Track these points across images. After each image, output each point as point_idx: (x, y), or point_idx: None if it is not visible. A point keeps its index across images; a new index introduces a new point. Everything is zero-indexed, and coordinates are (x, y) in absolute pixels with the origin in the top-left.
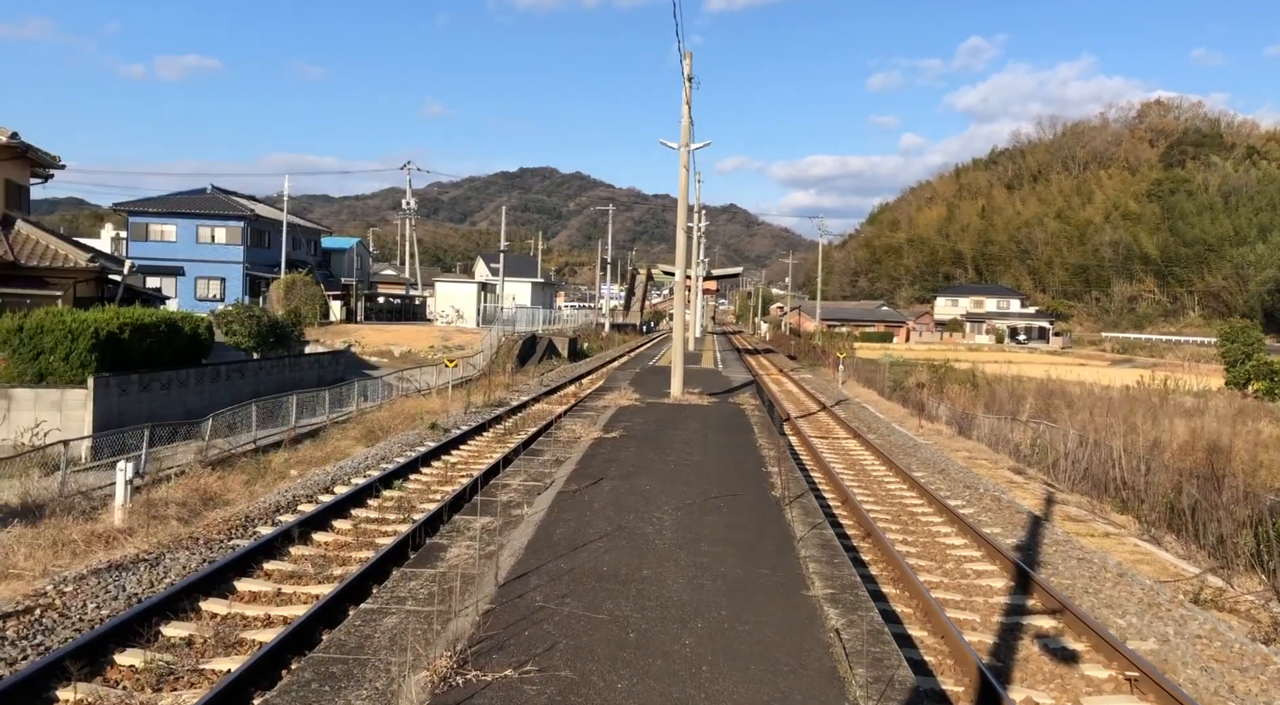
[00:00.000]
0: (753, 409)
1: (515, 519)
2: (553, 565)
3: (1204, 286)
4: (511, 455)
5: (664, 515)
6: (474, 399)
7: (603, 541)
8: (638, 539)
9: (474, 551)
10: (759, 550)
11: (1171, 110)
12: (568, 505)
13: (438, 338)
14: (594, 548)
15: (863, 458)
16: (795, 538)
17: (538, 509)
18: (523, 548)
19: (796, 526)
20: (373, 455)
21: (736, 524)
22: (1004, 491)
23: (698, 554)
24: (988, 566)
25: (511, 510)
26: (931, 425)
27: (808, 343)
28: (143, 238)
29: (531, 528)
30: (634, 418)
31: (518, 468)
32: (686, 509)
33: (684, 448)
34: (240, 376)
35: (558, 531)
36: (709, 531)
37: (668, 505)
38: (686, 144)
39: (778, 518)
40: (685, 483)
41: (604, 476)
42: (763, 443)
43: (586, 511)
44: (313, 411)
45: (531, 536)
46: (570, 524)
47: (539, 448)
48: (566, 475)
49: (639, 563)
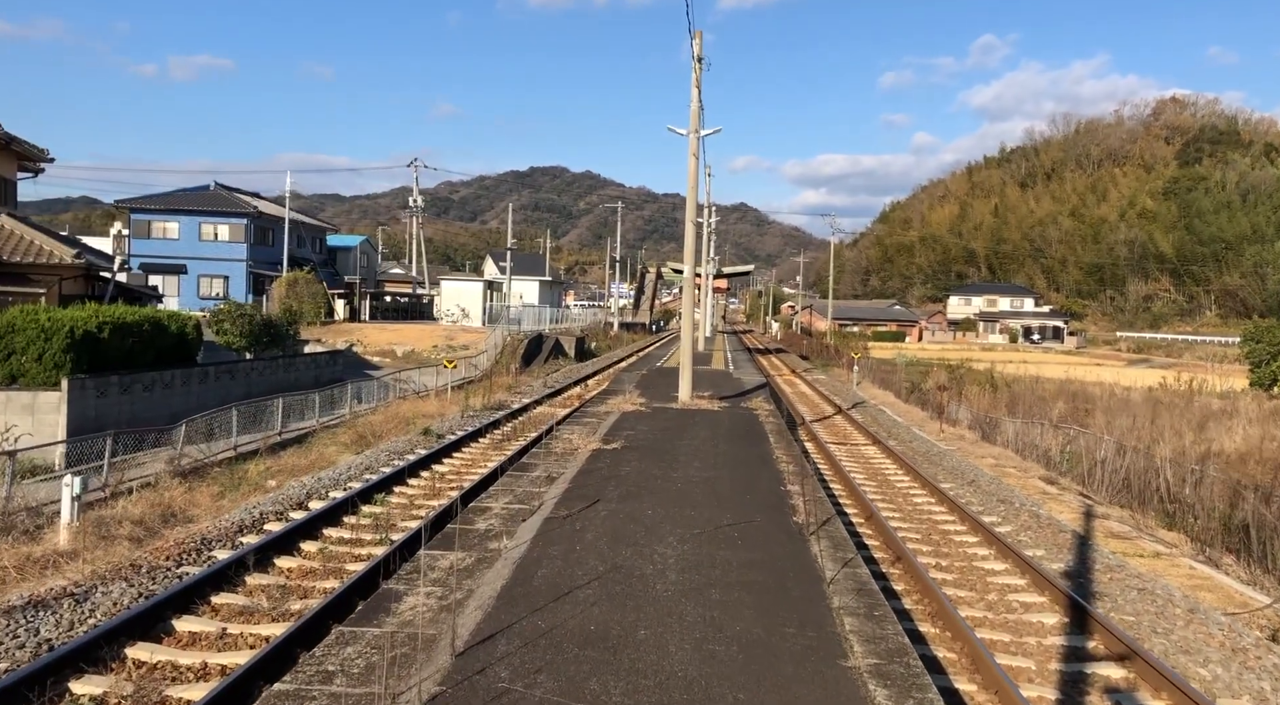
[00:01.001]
0: (766, 415)
1: (491, 555)
2: (528, 623)
3: (1221, 285)
4: (506, 464)
5: (667, 550)
6: (473, 402)
7: (593, 587)
8: (635, 583)
9: (435, 600)
10: (782, 599)
11: (1187, 107)
12: (555, 536)
13: (442, 337)
14: (581, 596)
15: (884, 466)
16: (825, 580)
17: (519, 541)
18: (494, 597)
19: (825, 564)
20: (358, 464)
21: (754, 561)
22: (1038, 505)
23: (707, 604)
24: (1035, 597)
25: (488, 543)
26: (953, 429)
27: (820, 342)
28: (145, 235)
29: (509, 567)
30: (638, 425)
31: (504, 486)
32: (694, 541)
33: (692, 461)
34: (230, 378)
35: (539, 573)
36: (721, 572)
37: (672, 536)
38: (696, 130)
39: (802, 552)
40: (693, 506)
41: (600, 498)
42: (779, 455)
43: (576, 544)
44: (301, 415)
45: (507, 580)
46: (555, 562)
47: (531, 461)
48: (558, 496)
49: (635, 618)
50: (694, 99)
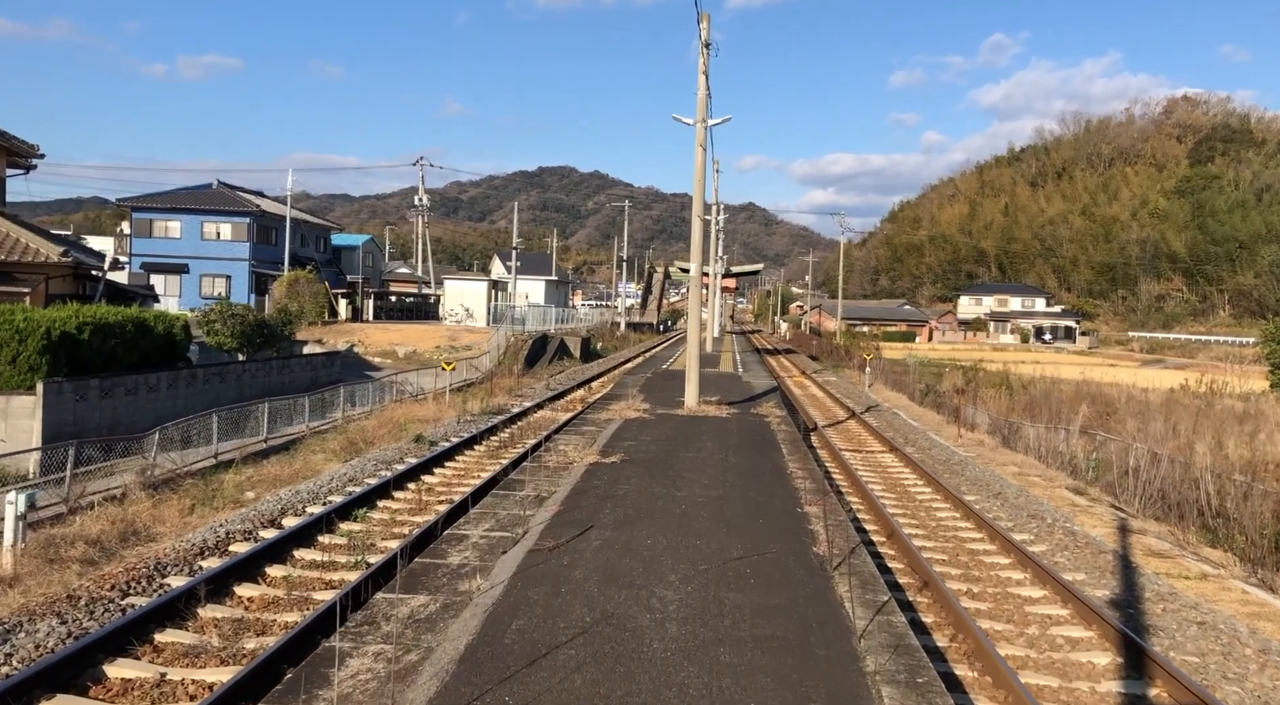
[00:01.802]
0: (778, 421)
1: (460, 599)
2: (491, 698)
3: (1235, 285)
4: (500, 475)
5: (668, 592)
6: (471, 406)
7: (577, 644)
8: (628, 639)
9: (384, 663)
10: (806, 661)
11: (1199, 105)
12: (537, 574)
13: (445, 337)
14: (562, 658)
15: (903, 476)
16: (855, 632)
17: (495, 580)
18: (455, 659)
19: (853, 610)
20: (343, 475)
21: (770, 608)
22: (1068, 518)
23: (715, 671)
24: (1081, 631)
25: (459, 582)
26: (971, 435)
27: (829, 342)
28: (146, 234)
29: (478, 617)
30: (640, 434)
31: (488, 508)
32: (700, 580)
33: (698, 477)
34: (221, 380)
35: (514, 625)
36: (731, 623)
37: (674, 574)
38: (704, 118)
39: (825, 594)
40: (699, 533)
41: (593, 524)
42: (794, 468)
43: (561, 586)
44: (290, 420)
45: (474, 635)
46: (535, 610)
47: (520, 477)
48: (545, 522)
49: (626, 690)
50: (701, 86)
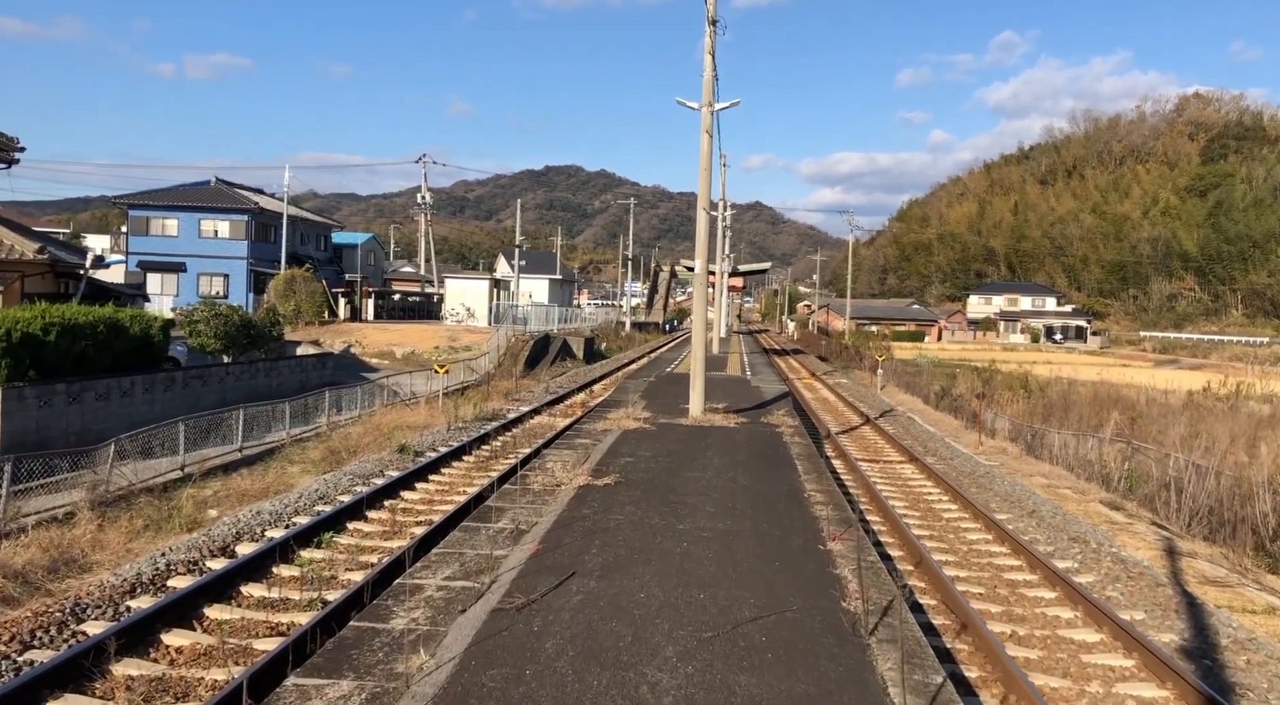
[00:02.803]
0: (791, 432)
1: (394, 686)
2: None
3: (1247, 284)
4: (483, 495)
5: (662, 676)
6: (464, 411)
7: None
8: None
9: None
10: None
11: (1211, 103)
12: (498, 647)
13: (445, 338)
14: None
15: (926, 491)
16: None
17: (444, 656)
18: None
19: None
20: (315, 491)
21: (793, 696)
22: (1109, 539)
23: None
24: (1155, 690)
25: (396, 660)
26: (992, 442)
27: (838, 343)
28: (143, 232)
29: None
30: (639, 449)
31: (453, 547)
32: (703, 655)
33: (703, 504)
34: (202, 383)
35: None
36: None
37: (671, 645)
38: (710, 102)
39: (862, 674)
40: (702, 581)
41: (576, 569)
42: (812, 490)
43: (526, 665)
44: (269, 427)
45: None
46: None
47: (498, 504)
48: (519, 566)
49: None
50: (707, 67)
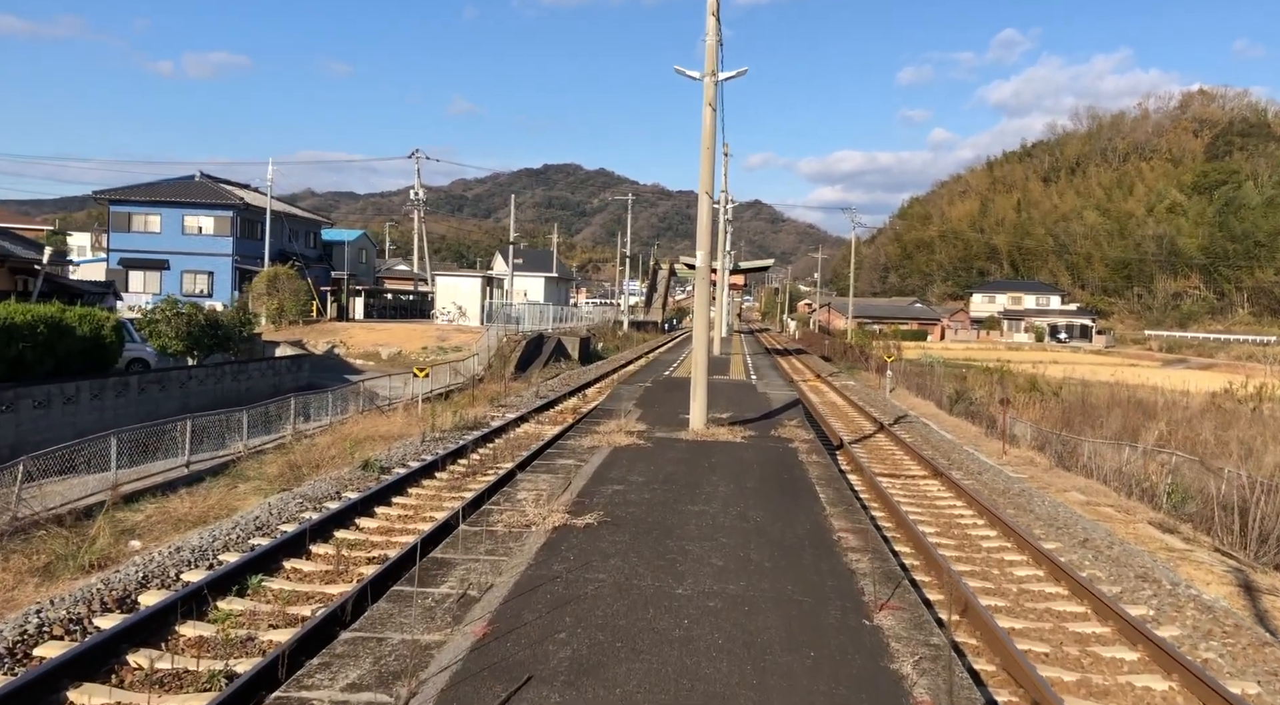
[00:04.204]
0: (807, 449)
1: None
2: None
3: (1253, 282)
4: (454, 520)
5: None
6: (443, 420)
7: None
8: None
9: None
10: None
11: (1215, 99)
12: None
13: (434, 338)
14: None
15: (958, 513)
16: None
17: None
18: None
19: None
20: (256, 518)
21: None
22: (1169, 570)
23: None
24: None
25: None
26: (1017, 451)
27: (841, 342)
28: (125, 228)
29: None
30: (631, 473)
31: (371, 627)
32: None
33: (708, 555)
34: (160, 389)
35: None
36: None
37: None
38: (713, 71)
39: None
40: (712, 691)
41: (533, 672)
42: (842, 531)
43: None
44: (222, 439)
45: None
46: None
47: (448, 556)
48: (454, 664)
49: None
50: (710, 31)
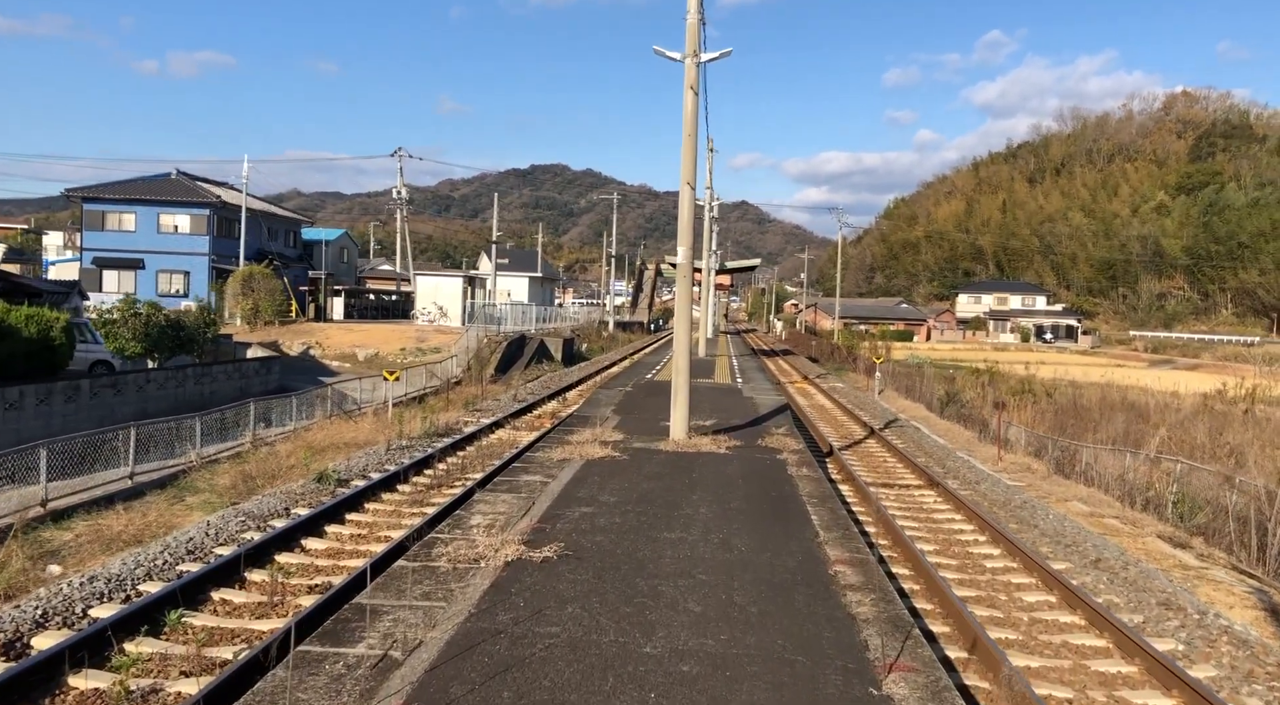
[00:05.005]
0: (797, 460)
1: None
2: None
3: (1237, 283)
4: (409, 540)
5: None
6: (413, 426)
7: None
8: None
9: None
10: None
11: (1199, 101)
12: None
13: (413, 339)
14: None
15: (957, 527)
16: None
17: None
18: None
19: None
20: (191, 539)
21: None
22: (1189, 591)
23: None
24: None
25: None
26: (1012, 457)
27: (828, 343)
28: (98, 227)
29: None
30: (602, 492)
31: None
32: None
33: (684, 599)
34: (115, 393)
35: None
36: None
37: None
38: (695, 52)
39: None
40: None
41: None
42: (840, 566)
43: None
44: (171, 448)
45: None
46: None
47: (377, 603)
48: None
49: None
50: (691, 10)
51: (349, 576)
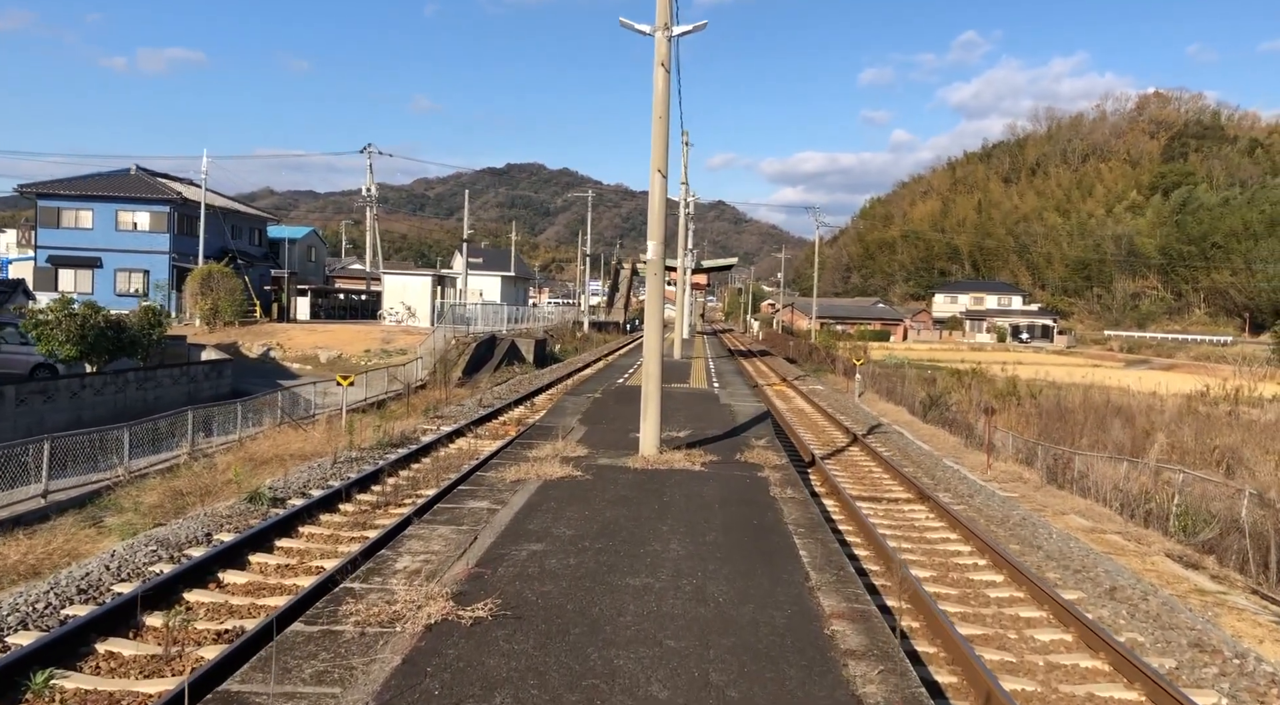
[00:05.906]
0: (780, 480)
1: None
2: None
3: (1210, 283)
4: (340, 574)
5: None
6: (366, 435)
7: None
8: None
9: None
10: None
11: (1171, 102)
12: None
13: (379, 339)
14: None
15: (953, 548)
16: None
17: None
18: None
19: None
20: (87, 574)
21: None
22: (1216, 624)
23: None
24: None
25: None
26: (1002, 465)
27: (806, 343)
28: (54, 224)
29: None
30: (557, 524)
31: None
32: None
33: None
34: (46, 400)
35: None
36: None
37: None
38: (666, 24)
39: None
40: None
41: None
42: (837, 623)
43: None
44: (95, 461)
45: None
46: None
47: (252, 689)
48: None
49: None
50: None
51: (295, 595)
